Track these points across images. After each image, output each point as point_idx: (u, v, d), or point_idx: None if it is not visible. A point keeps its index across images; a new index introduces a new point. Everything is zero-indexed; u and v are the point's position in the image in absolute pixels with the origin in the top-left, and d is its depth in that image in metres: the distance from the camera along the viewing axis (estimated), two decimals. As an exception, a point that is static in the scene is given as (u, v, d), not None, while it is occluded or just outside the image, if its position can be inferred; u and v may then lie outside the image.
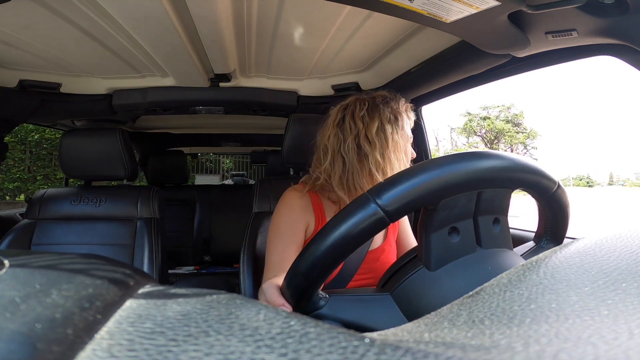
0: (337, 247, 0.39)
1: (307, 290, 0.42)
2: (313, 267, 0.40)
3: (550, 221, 0.50)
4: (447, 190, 0.39)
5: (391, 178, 0.40)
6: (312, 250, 0.39)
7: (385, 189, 0.38)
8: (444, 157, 0.40)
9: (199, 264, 2.51)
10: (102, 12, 0.87)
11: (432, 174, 0.38)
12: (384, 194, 0.38)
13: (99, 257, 0.21)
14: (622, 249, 0.24)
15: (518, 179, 0.42)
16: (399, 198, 0.37)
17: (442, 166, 0.38)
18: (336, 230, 0.38)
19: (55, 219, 1.38)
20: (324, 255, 0.39)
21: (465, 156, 0.39)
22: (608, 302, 0.19)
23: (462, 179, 0.39)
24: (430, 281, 0.40)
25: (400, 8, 0.71)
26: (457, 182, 0.39)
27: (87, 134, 1.41)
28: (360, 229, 0.38)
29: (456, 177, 0.38)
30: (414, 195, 0.38)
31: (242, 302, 0.16)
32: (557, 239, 0.52)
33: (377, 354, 0.13)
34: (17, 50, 1.08)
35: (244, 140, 2.85)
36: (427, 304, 0.39)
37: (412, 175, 0.38)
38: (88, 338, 0.14)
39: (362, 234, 0.38)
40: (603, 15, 0.66)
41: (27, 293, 0.15)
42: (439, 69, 1.10)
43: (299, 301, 0.44)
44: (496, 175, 0.40)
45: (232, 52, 1.12)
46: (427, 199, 0.39)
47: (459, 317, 0.21)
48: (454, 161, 0.39)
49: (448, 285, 0.39)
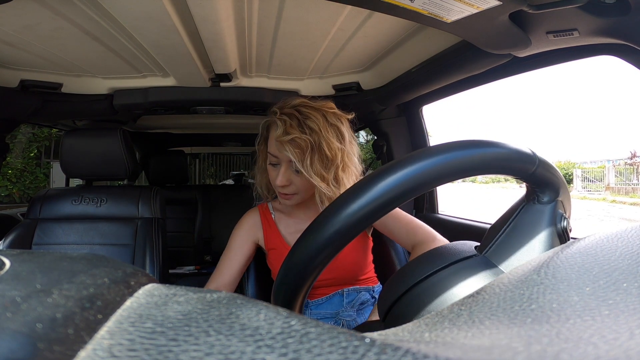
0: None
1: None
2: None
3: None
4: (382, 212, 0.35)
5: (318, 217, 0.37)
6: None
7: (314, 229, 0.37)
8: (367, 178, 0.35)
9: (199, 264, 2.51)
10: (104, 12, 0.87)
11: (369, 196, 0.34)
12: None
13: (99, 257, 0.21)
14: (624, 249, 0.24)
15: (482, 168, 0.36)
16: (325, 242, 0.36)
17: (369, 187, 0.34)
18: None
19: (56, 218, 1.38)
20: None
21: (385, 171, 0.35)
22: (609, 302, 0.19)
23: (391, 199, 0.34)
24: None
25: (401, 8, 0.71)
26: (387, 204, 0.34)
27: (88, 133, 1.42)
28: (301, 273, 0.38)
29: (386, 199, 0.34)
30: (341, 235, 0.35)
31: (242, 302, 0.16)
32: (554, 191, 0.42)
33: (377, 354, 0.13)
34: (18, 50, 1.08)
35: (245, 140, 2.85)
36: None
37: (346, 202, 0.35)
38: (89, 338, 0.14)
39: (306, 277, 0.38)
40: (604, 15, 0.66)
41: (28, 293, 0.15)
42: (440, 68, 1.10)
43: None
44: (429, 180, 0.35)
45: (233, 52, 1.12)
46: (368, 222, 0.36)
47: (460, 317, 0.21)
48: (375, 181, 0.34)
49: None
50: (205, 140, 2.92)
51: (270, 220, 1.04)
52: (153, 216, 1.43)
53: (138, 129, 2.53)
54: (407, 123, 1.66)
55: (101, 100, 1.41)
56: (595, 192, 16.99)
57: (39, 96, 1.32)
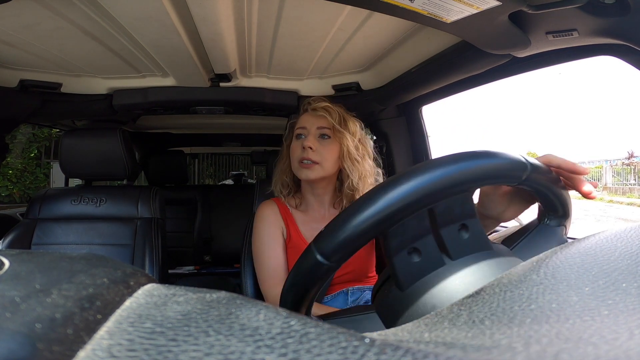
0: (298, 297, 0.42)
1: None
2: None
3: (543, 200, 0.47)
4: (384, 226, 0.38)
5: (329, 224, 0.40)
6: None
7: (324, 239, 0.39)
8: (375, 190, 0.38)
9: (199, 264, 2.51)
10: (103, 12, 0.87)
11: (369, 213, 0.37)
12: (324, 245, 0.39)
13: (99, 257, 0.21)
14: (623, 249, 0.24)
15: (470, 182, 0.39)
16: (338, 247, 0.38)
17: (375, 200, 0.37)
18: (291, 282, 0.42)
19: (56, 218, 1.38)
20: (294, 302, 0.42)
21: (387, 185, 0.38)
22: (608, 302, 0.19)
23: (392, 212, 0.37)
24: (403, 301, 0.40)
25: (400, 8, 0.71)
26: (388, 217, 0.37)
27: (88, 133, 1.42)
28: (310, 278, 0.41)
29: (385, 213, 0.37)
30: (353, 240, 0.38)
31: (242, 302, 0.16)
32: (560, 216, 0.48)
33: (377, 354, 0.13)
34: (17, 50, 1.08)
35: (244, 140, 2.85)
36: (403, 322, 0.39)
37: (347, 220, 0.38)
38: (88, 338, 0.14)
39: (315, 280, 0.41)
40: (604, 16, 0.66)
41: (27, 293, 0.15)
42: (440, 69, 1.10)
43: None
44: (437, 191, 0.37)
45: (233, 52, 1.12)
46: (366, 238, 0.38)
47: (459, 317, 0.21)
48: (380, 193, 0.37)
49: (419, 303, 0.39)
50: (205, 140, 2.92)
51: (288, 213, 1.06)
52: (152, 216, 1.43)
53: (137, 129, 2.52)
54: (406, 123, 1.66)
55: (101, 100, 1.41)
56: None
57: (39, 96, 1.32)
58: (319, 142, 0.98)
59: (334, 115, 0.98)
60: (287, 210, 1.06)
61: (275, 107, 1.53)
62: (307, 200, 1.07)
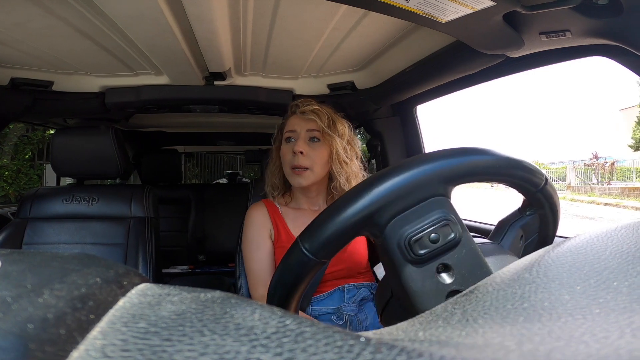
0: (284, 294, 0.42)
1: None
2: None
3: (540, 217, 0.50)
4: (371, 220, 0.38)
5: (315, 219, 0.40)
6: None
7: (310, 234, 0.39)
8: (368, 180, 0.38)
9: (193, 264, 2.49)
10: (96, 9, 0.86)
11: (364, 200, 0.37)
12: (310, 239, 0.39)
13: (91, 256, 0.20)
14: (614, 248, 0.24)
15: (501, 174, 0.41)
16: (325, 242, 0.38)
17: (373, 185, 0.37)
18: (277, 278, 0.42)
19: (47, 218, 1.36)
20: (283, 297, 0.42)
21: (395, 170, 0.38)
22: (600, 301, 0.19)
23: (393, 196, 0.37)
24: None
25: (396, 8, 0.71)
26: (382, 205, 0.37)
27: (80, 132, 1.40)
28: (297, 274, 0.40)
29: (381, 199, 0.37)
30: (340, 235, 0.37)
31: (237, 302, 0.16)
32: (546, 238, 0.51)
33: (372, 353, 0.13)
34: (8, 47, 1.07)
35: (239, 139, 2.84)
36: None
37: (333, 214, 0.37)
38: (81, 338, 0.13)
39: (301, 277, 0.40)
40: (597, 16, 0.66)
41: (18, 293, 0.14)
42: (434, 68, 1.11)
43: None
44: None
45: (228, 50, 1.11)
46: (353, 233, 0.38)
47: (453, 315, 0.21)
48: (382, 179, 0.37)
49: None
50: (199, 139, 2.90)
51: (277, 213, 1.06)
52: (146, 215, 1.41)
53: (130, 128, 2.50)
54: (401, 123, 1.66)
55: (93, 99, 1.40)
56: (558, 191, 17.79)
57: (30, 94, 1.30)
58: (309, 145, 0.99)
59: (323, 119, 0.99)
60: (277, 210, 1.07)
61: (270, 106, 1.53)
62: (297, 198, 1.08)
